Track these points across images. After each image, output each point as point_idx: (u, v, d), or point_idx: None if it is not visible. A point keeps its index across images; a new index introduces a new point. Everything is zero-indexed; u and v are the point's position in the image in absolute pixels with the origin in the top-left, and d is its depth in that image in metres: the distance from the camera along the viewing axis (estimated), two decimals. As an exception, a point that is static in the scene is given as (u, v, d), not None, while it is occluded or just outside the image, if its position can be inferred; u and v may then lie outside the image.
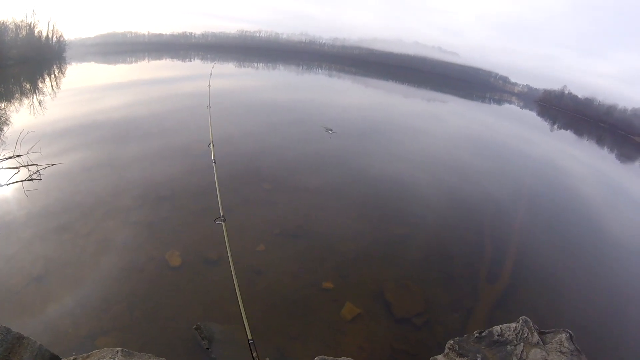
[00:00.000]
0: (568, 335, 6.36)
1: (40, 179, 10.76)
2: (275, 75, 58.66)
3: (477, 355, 6.10)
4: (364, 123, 26.87)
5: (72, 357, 5.43)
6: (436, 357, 6.59)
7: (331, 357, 6.06)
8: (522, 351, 6.19)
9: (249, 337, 4.99)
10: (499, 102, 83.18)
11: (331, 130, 14.59)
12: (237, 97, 30.00)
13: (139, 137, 16.69)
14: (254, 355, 4.90)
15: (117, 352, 5.37)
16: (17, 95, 24.43)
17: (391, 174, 16.80)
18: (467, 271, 10.60)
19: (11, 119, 17.85)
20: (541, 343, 6.34)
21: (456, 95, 70.58)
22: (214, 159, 8.49)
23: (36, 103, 21.72)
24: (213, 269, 9.23)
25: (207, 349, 6.87)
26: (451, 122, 36.43)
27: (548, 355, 6.10)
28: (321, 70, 78.80)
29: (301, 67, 76.02)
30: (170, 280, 8.65)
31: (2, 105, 20.89)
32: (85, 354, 5.44)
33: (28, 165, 10.82)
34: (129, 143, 16.07)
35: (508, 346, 6.27)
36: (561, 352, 6.11)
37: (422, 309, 8.80)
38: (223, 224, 6.95)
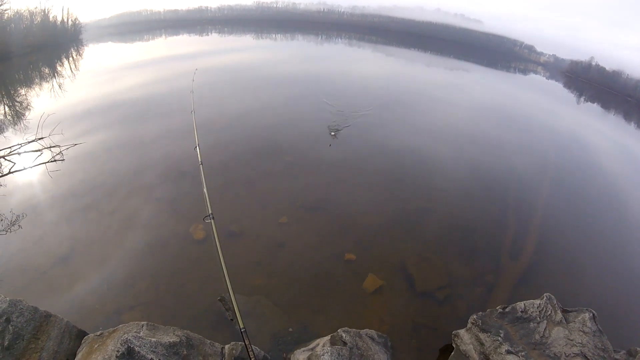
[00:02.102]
0: (591, 315, 6.22)
1: (64, 160, 10.87)
2: (294, 46, 57.70)
3: (500, 331, 6.02)
4: (385, 94, 26.06)
5: (98, 332, 5.58)
6: (458, 331, 6.54)
7: (354, 329, 6.10)
8: (544, 329, 6.10)
9: (241, 326, 5.32)
10: (524, 72, 79.96)
11: (336, 131, 14.07)
12: (256, 71, 29.61)
13: (159, 115, 16.77)
14: (246, 342, 5.16)
15: (143, 325, 5.48)
16: (36, 80, 24.72)
17: (412, 146, 16.38)
18: (489, 246, 10.38)
19: (32, 104, 18.14)
20: (564, 321, 6.23)
21: (480, 64, 67.98)
22: (201, 161, 8.84)
23: (56, 86, 21.99)
24: (236, 241, 9.34)
25: (231, 320, 6.97)
26: (474, 92, 35.11)
27: (570, 334, 6.01)
28: (340, 39, 76.87)
29: (320, 37, 74.31)
30: (194, 253, 8.76)
31: (23, 91, 21.19)
32: (111, 329, 5.58)
33: (51, 146, 10.95)
34: (150, 121, 16.21)
35: (531, 323, 6.19)
36: (584, 332, 6.00)
37: (444, 283, 8.71)
38: (212, 221, 7.17)
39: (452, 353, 6.48)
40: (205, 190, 7.96)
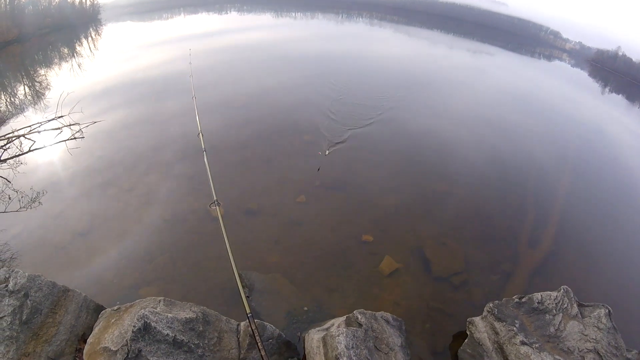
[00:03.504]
0: (607, 311, 6.11)
1: (83, 137, 11.01)
2: (314, 25, 56.81)
3: (515, 321, 5.93)
4: (406, 76, 25.52)
5: (115, 307, 5.65)
6: (473, 318, 6.47)
7: (369, 311, 6.06)
8: (560, 322, 6.01)
9: (248, 311, 5.41)
10: (549, 58, 77.17)
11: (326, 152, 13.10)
12: (275, 49, 29.18)
13: (177, 93, 16.66)
14: (252, 327, 5.23)
15: (160, 301, 5.53)
16: (55, 60, 24.89)
17: (432, 129, 16.11)
18: (507, 233, 10.19)
19: (52, 84, 18.27)
20: (579, 316, 6.14)
21: (504, 48, 65.86)
22: (204, 148, 8.78)
23: (75, 66, 22.11)
24: (254, 219, 9.37)
25: (248, 297, 7.02)
26: (498, 76, 34.06)
27: (585, 329, 5.92)
28: (361, 18, 75.16)
29: (340, 16, 73.10)
30: (212, 230, 8.78)
31: (42, 71, 21.38)
32: (128, 304, 5.65)
33: (70, 125, 11.05)
34: (168, 99, 16.17)
35: (547, 315, 6.10)
36: (598, 327, 5.91)
37: (461, 269, 8.60)
38: (218, 208, 7.22)
39: (466, 340, 6.44)
40: (210, 177, 8.00)
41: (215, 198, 7.34)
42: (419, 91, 21.92)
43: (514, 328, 5.81)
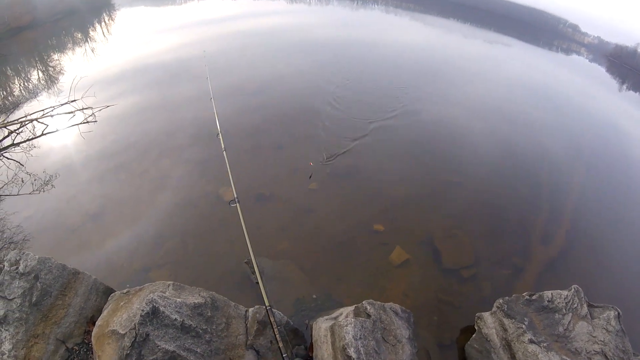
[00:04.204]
0: (616, 313, 5.99)
1: (96, 121, 11.07)
2: (328, 11, 56.08)
3: (525, 318, 5.85)
4: (419, 64, 25.00)
5: (125, 290, 5.67)
6: (482, 313, 6.39)
7: (378, 302, 5.99)
8: (569, 322, 5.91)
9: (267, 304, 5.52)
10: (567, 51, 74.92)
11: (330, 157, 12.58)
12: (288, 35, 28.81)
13: (191, 79, 16.50)
14: (271, 320, 5.29)
15: (169, 285, 5.53)
16: (69, 45, 24.87)
17: (445, 119, 15.79)
18: (519, 228, 10.00)
19: (65, 68, 18.28)
20: (589, 317, 6.03)
21: (521, 40, 64.21)
22: (224, 148, 8.81)
23: (88, 51, 22.11)
24: (265, 205, 9.37)
25: (257, 283, 7.01)
26: (513, 68, 33.29)
27: (594, 330, 5.82)
28: (377, 5, 74.05)
29: (356, 3, 72.08)
30: (223, 215, 8.78)
31: (56, 56, 21.42)
32: (137, 287, 5.66)
33: (83, 108, 11.11)
34: (181, 84, 16.07)
35: (556, 314, 5.99)
36: (607, 330, 5.80)
37: (471, 262, 8.48)
38: (237, 205, 7.23)
39: (474, 335, 6.38)
40: (230, 175, 8.02)
41: (235, 196, 7.39)
42: (432, 81, 21.47)
43: (523, 326, 5.73)
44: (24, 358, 4.92)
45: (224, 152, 8.84)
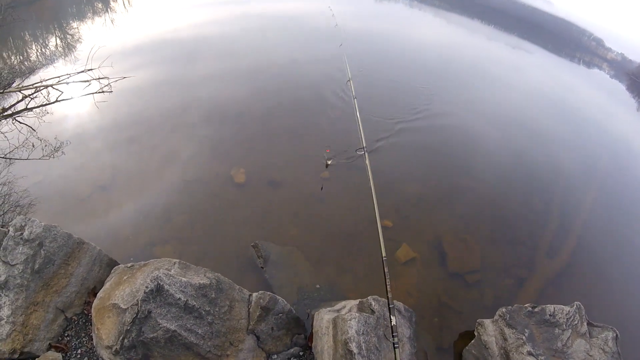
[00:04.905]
0: (614, 335, 5.95)
1: (111, 92, 11.00)
2: (346, 2, 55.23)
3: (525, 330, 5.78)
4: (437, 63, 24.40)
5: (129, 264, 5.64)
6: (484, 320, 6.29)
7: (383, 299, 5.91)
8: (568, 338, 5.84)
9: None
10: (589, 65, 72.75)
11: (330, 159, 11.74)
12: (310, 23, 28.32)
13: (211, 57, 16.31)
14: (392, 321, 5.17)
15: (175, 263, 5.48)
16: (89, 15, 24.77)
17: (462, 123, 15.28)
18: (527, 239, 9.77)
19: (83, 37, 18.16)
20: (587, 335, 5.96)
21: (544, 48, 63.14)
22: (355, 95, 9.15)
23: (108, 21, 22.00)
24: (276, 191, 9.25)
25: (262, 268, 6.96)
26: (534, 76, 32.56)
27: (591, 349, 5.76)
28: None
29: None
30: (232, 196, 8.74)
31: (75, 24, 21.32)
32: (142, 262, 5.63)
33: (99, 78, 11.05)
34: (201, 61, 15.78)
35: (556, 329, 5.91)
36: (604, 350, 5.74)
37: (476, 267, 8.34)
38: (366, 154, 7.68)
39: (473, 341, 6.30)
40: (359, 122, 8.43)
41: (363, 145, 7.82)
42: (451, 83, 21.09)
43: (523, 337, 5.66)
44: (22, 324, 4.91)
45: (355, 99, 9.29)
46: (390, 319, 5.18)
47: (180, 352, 4.78)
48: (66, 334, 5.34)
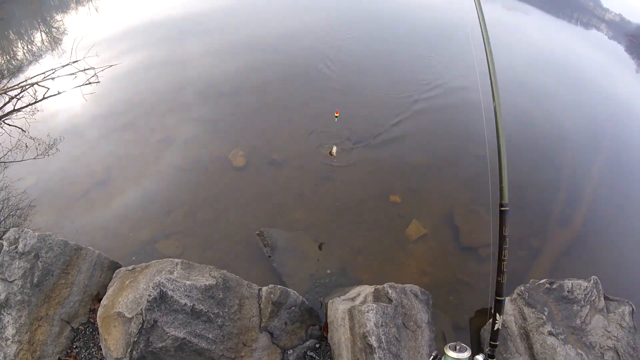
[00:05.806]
0: (631, 309, 5.83)
1: (99, 82, 10.61)
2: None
3: (545, 308, 5.59)
4: (437, 29, 23.75)
5: (130, 267, 5.40)
6: None
7: (399, 285, 5.70)
8: (586, 314, 5.68)
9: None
10: (587, 26, 71.32)
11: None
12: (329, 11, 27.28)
13: (199, 34, 15.38)
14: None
15: (177, 263, 5.23)
16: (72, 5, 24.08)
17: (465, 89, 14.96)
18: (538, 207, 9.46)
19: (69, 29, 17.53)
20: (605, 310, 5.82)
21: (540, 9, 61.77)
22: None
23: (92, 9, 21.34)
24: (278, 171, 8.88)
25: (269, 257, 6.73)
26: (532, 37, 31.57)
27: (609, 325, 5.62)
28: None
29: None
30: (232, 182, 8.43)
31: (59, 16, 20.67)
32: (143, 264, 5.40)
33: (85, 69, 10.64)
34: (189, 40, 14.93)
35: (575, 305, 5.75)
36: (621, 325, 5.61)
37: (490, 240, 8.17)
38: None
39: (490, 320, 6.14)
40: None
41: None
42: (451, 47, 20.40)
43: (544, 316, 5.47)
44: (28, 342, 4.71)
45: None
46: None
47: (192, 359, 4.59)
48: (75, 346, 5.16)
